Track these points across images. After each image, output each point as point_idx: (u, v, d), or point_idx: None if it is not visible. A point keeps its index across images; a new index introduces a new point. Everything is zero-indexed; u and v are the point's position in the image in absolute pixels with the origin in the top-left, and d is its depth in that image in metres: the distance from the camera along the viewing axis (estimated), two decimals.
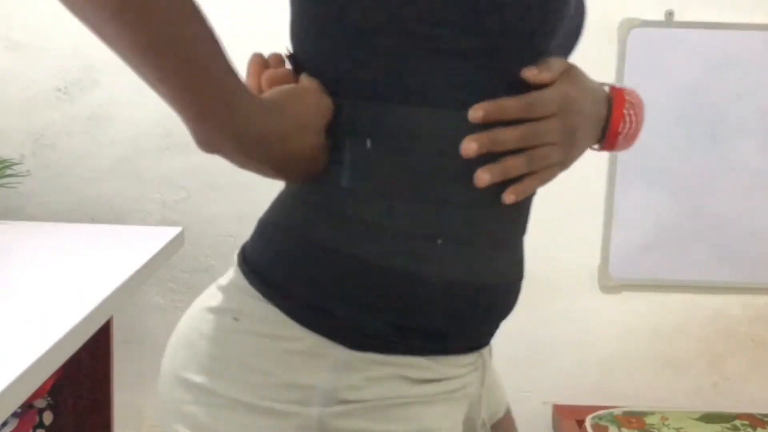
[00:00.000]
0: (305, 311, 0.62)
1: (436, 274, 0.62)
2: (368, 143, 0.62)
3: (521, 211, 0.68)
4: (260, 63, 0.68)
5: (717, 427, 1.95)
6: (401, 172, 0.62)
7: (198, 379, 0.65)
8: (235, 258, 0.70)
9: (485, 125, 0.61)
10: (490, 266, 0.65)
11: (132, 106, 1.93)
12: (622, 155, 1.99)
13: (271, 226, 0.68)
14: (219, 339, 0.65)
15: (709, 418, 1.99)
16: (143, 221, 1.97)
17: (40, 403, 1.61)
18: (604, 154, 1.99)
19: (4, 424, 1.43)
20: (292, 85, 0.64)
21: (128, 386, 2.04)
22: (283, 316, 0.63)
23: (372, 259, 0.61)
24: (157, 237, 1.58)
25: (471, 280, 0.64)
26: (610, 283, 2.06)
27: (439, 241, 0.62)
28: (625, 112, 0.72)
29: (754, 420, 1.99)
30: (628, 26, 1.93)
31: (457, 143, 0.61)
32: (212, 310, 0.67)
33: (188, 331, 0.69)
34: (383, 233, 0.61)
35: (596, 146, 0.74)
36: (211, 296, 0.69)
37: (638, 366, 2.11)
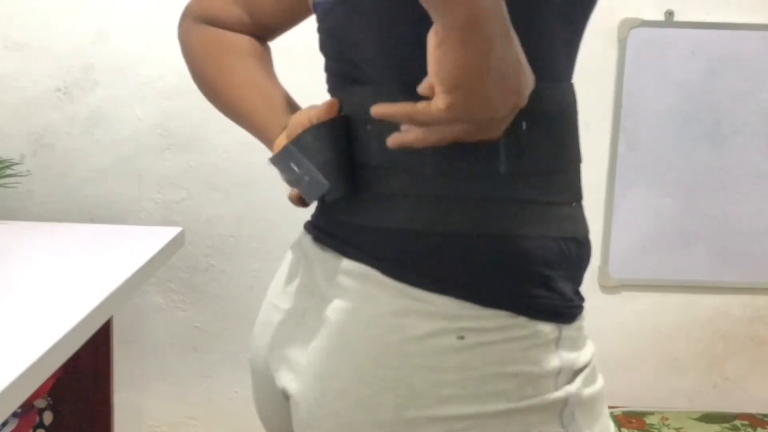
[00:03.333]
0: (532, 303, 0.64)
1: (582, 234, 0.69)
2: (523, 125, 0.63)
3: None
4: None
5: (717, 427, 1.95)
6: (550, 148, 0.66)
7: (438, 411, 0.62)
8: (393, 282, 0.65)
9: (574, 94, 0.69)
10: (586, 220, 0.72)
11: (132, 106, 1.93)
12: (622, 155, 1.99)
13: (455, 237, 0.64)
14: (449, 363, 0.62)
15: (709, 418, 1.99)
16: (143, 221, 1.97)
17: (40, 403, 1.61)
18: (604, 155, 2.00)
19: (4, 424, 1.43)
20: None
21: (128, 386, 2.04)
22: (511, 318, 0.63)
23: (555, 234, 0.66)
24: (157, 237, 1.58)
25: (588, 234, 0.71)
26: (610, 283, 2.06)
27: (574, 204, 0.68)
28: None
29: (754, 420, 1.99)
30: (628, 26, 1.93)
31: (572, 113, 0.68)
32: (419, 338, 0.63)
33: (388, 371, 0.64)
34: (546, 208, 0.66)
35: None
36: (399, 327, 0.64)
37: (638, 366, 2.11)
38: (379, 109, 0.61)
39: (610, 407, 2.25)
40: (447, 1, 0.51)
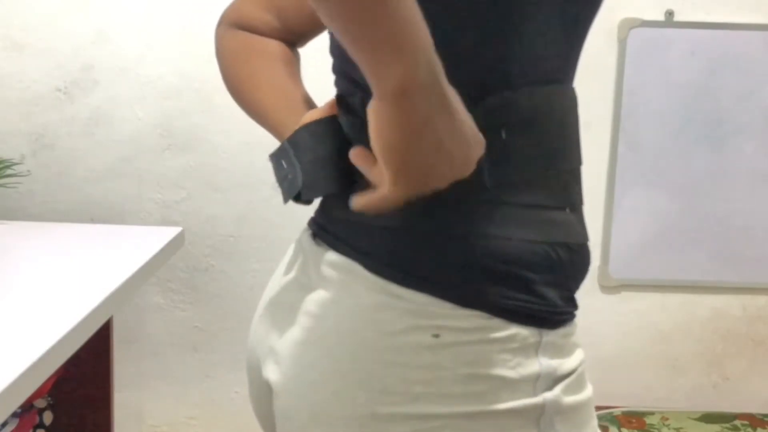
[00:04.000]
0: (510, 306, 0.63)
1: (575, 240, 0.67)
2: (503, 134, 0.62)
3: None
4: None
5: (717, 427, 1.95)
6: (537, 154, 0.65)
7: (409, 408, 0.62)
8: (374, 277, 0.65)
9: (572, 97, 0.68)
10: (585, 227, 0.71)
11: (132, 106, 1.93)
12: (622, 155, 1.99)
13: (436, 236, 0.65)
14: (422, 360, 0.62)
15: (709, 418, 1.99)
16: (143, 221, 1.97)
17: (40, 403, 1.61)
18: (604, 155, 2.00)
19: (4, 424, 1.43)
20: None
21: (128, 386, 2.04)
22: (487, 319, 0.63)
23: (542, 238, 0.65)
24: (157, 237, 1.58)
25: (586, 241, 0.70)
26: (610, 283, 2.06)
27: (567, 210, 0.67)
28: None
29: (754, 420, 1.99)
30: (628, 26, 1.93)
31: (567, 117, 0.67)
32: (394, 334, 0.63)
33: (362, 366, 0.64)
34: (531, 211, 0.65)
35: None
36: (375, 322, 0.64)
37: (638, 366, 2.11)
38: (358, 202, 0.61)
39: (610, 407, 2.23)
40: (378, 69, 0.51)
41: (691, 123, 1.98)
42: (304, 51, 0.90)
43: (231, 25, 0.87)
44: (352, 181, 0.68)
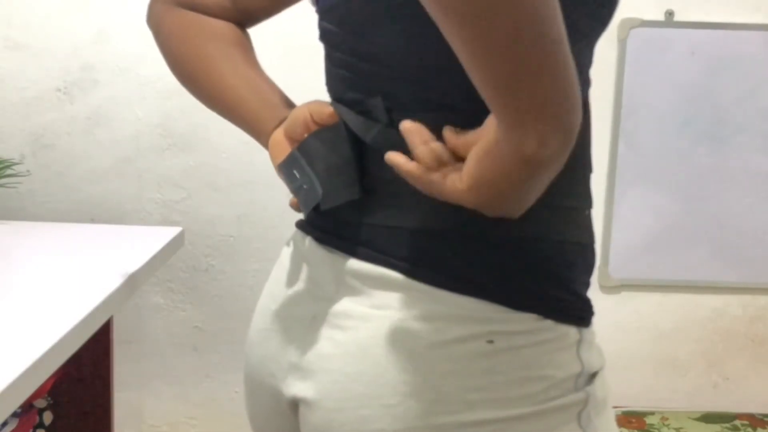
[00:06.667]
0: (559, 306, 0.64)
1: (594, 240, 0.70)
2: None
3: None
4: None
5: (717, 427, 1.95)
6: (578, 155, 0.65)
7: (464, 416, 0.62)
8: (418, 285, 0.63)
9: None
10: None
11: (132, 106, 1.93)
12: (622, 155, 1.99)
13: (483, 239, 0.64)
14: (477, 368, 0.62)
15: (709, 418, 1.99)
16: (143, 221, 1.97)
17: (40, 403, 1.61)
18: (604, 154, 1.99)
19: (4, 424, 1.43)
20: None
21: (128, 386, 2.04)
22: (539, 320, 0.63)
23: (577, 239, 0.67)
24: (157, 237, 1.58)
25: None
26: (610, 283, 2.06)
27: (587, 212, 0.69)
28: None
29: (754, 420, 1.99)
30: (628, 26, 1.93)
31: (589, 123, 0.66)
32: (447, 343, 0.62)
33: (413, 377, 0.62)
34: (568, 213, 0.67)
35: None
36: (423, 331, 0.62)
37: (638, 366, 2.11)
38: (393, 158, 0.60)
39: None
40: (514, 131, 0.51)
41: (691, 123, 1.98)
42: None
43: (171, 2, 0.81)
44: (364, 189, 0.67)
